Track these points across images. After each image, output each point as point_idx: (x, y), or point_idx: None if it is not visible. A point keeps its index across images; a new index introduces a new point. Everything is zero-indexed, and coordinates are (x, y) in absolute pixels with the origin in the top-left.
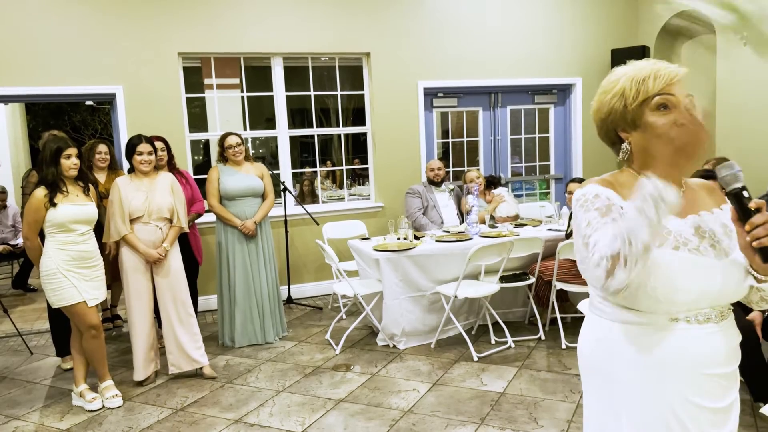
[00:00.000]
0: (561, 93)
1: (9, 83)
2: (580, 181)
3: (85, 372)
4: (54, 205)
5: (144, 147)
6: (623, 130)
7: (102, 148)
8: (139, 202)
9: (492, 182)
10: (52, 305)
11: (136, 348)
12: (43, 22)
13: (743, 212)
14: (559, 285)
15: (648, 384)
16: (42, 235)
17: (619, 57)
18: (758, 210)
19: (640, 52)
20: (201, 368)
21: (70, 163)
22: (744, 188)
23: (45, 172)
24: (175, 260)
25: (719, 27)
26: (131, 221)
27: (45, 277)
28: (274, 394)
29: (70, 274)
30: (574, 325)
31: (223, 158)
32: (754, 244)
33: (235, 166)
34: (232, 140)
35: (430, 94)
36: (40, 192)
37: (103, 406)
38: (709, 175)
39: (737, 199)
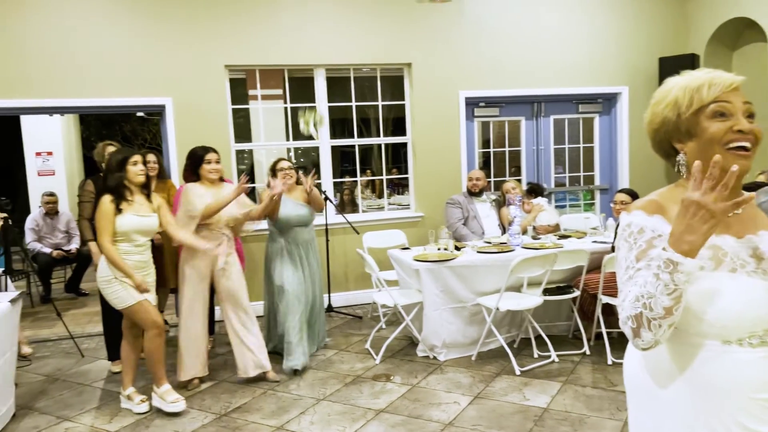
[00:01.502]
0: (606, 102)
1: (65, 95)
2: (629, 192)
3: (133, 375)
4: (120, 211)
5: (212, 156)
6: (678, 141)
7: (151, 157)
8: None
9: (533, 190)
10: (115, 307)
11: (185, 350)
12: (97, 38)
13: None
14: (604, 299)
15: (694, 405)
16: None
17: (668, 65)
18: None
19: (690, 61)
20: (265, 372)
21: (137, 169)
22: None
23: (110, 179)
24: (236, 266)
25: None
26: (199, 226)
27: (102, 283)
28: (314, 403)
29: (125, 281)
30: (621, 341)
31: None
32: None
33: (285, 192)
34: (284, 164)
35: (472, 103)
36: (107, 197)
37: (151, 408)
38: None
39: None
